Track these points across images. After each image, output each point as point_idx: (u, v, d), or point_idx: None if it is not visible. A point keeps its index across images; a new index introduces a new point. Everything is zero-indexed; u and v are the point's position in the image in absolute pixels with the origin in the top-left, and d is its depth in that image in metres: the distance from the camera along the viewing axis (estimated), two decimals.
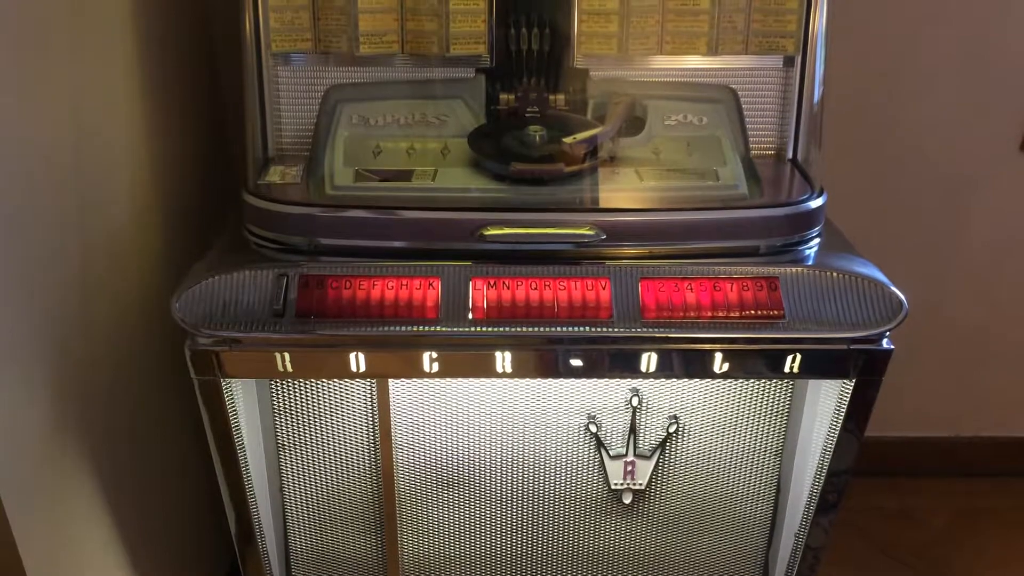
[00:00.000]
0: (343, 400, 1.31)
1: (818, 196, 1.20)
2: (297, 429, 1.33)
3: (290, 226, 1.16)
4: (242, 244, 1.19)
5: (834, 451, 1.24)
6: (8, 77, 0.98)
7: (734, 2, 1.26)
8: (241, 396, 1.21)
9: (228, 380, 1.15)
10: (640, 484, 1.37)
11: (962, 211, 1.91)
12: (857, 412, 1.20)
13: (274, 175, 1.24)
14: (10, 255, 1.00)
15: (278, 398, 1.30)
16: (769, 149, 1.33)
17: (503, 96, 1.31)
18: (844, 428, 1.22)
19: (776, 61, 1.30)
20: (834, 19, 1.26)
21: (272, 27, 1.24)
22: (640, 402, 1.31)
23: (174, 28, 1.48)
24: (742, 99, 1.31)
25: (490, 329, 1.11)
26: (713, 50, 1.28)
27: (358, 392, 1.30)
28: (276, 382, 1.29)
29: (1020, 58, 1.76)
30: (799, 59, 1.27)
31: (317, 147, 1.27)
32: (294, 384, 1.29)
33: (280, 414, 1.32)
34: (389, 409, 1.29)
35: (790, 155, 1.31)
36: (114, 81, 1.26)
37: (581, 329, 1.11)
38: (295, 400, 1.31)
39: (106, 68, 1.23)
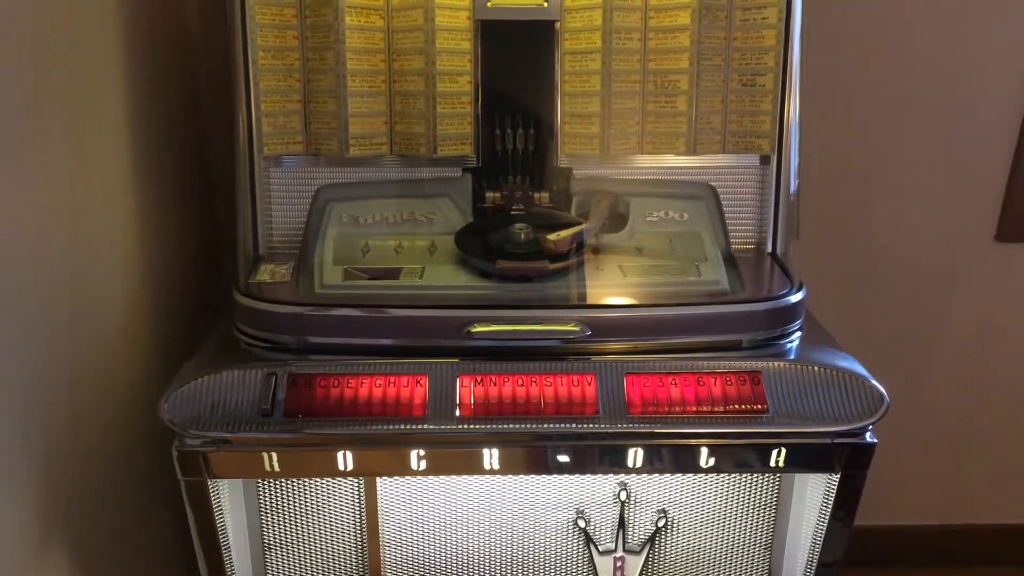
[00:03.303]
0: (330, 498, 1.30)
1: (798, 290, 1.22)
2: (284, 528, 1.32)
3: (279, 325, 1.17)
4: (232, 343, 1.20)
5: (824, 542, 1.24)
6: (6, 182, 1.01)
7: (711, 104, 1.32)
8: (227, 496, 1.20)
9: (215, 480, 1.14)
10: None
11: (941, 301, 1.95)
12: (845, 504, 1.20)
13: (264, 273, 1.26)
14: (1, 357, 1.01)
15: (265, 497, 1.29)
16: (749, 243, 1.36)
17: (489, 194, 1.35)
18: (833, 518, 1.22)
19: (753, 159, 1.34)
20: (808, 118, 1.31)
21: (264, 131, 1.28)
22: (628, 496, 1.31)
23: (169, 131, 1.52)
24: (721, 195, 1.35)
25: (477, 426, 1.11)
26: (692, 149, 1.33)
27: (345, 490, 1.30)
28: (263, 481, 1.28)
29: (992, 148, 1.82)
30: (775, 157, 1.32)
31: (307, 245, 1.30)
32: (281, 483, 1.28)
33: (266, 513, 1.31)
34: (377, 507, 1.29)
35: (769, 249, 1.35)
36: (109, 183, 1.28)
37: (568, 425, 1.11)
38: (282, 499, 1.30)
39: (102, 168, 1.26)
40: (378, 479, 1.27)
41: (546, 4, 1.29)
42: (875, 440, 1.13)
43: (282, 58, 1.27)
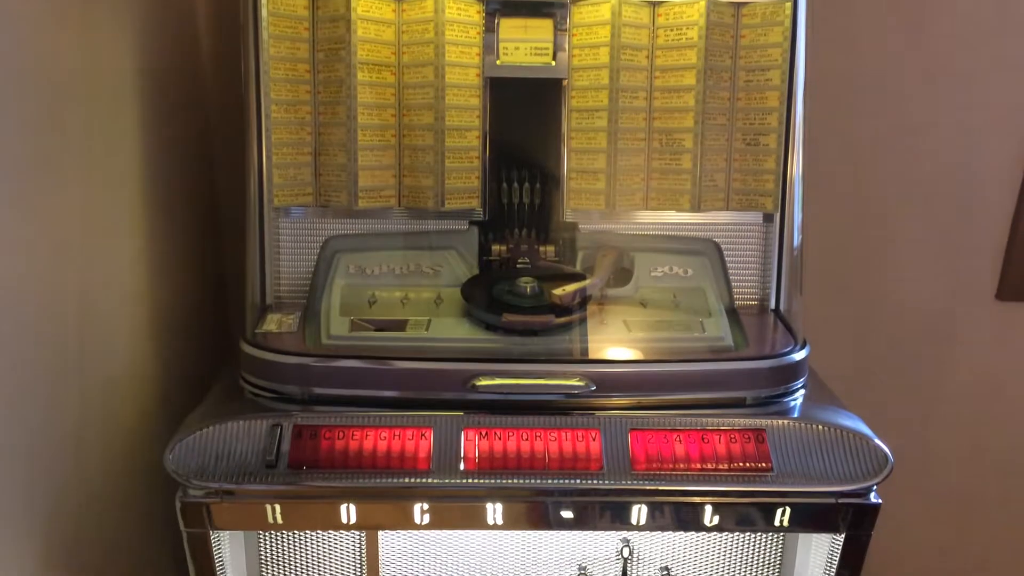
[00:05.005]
0: (331, 551, 1.29)
1: (801, 348, 1.23)
2: None
3: (285, 376, 1.17)
4: (237, 392, 1.20)
5: None
6: (19, 226, 1.02)
7: (715, 162, 1.34)
8: (228, 547, 1.19)
9: (217, 532, 1.14)
10: None
11: (942, 360, 1.95)
12: (849, 563, 1.19)
13: (271, 323, 1.26)
14: (7, 404, 1.01)
15: (266, 549, 1.29)
16: (752, 300, 1.37)
17: (495, 247, 1.36)
18: None
19: (756, 216, 1.36)
20: (811, 176, 1.33)
21: (275, 183, 1.29)
22: (631, 552, 1.30)
23: (180, 179, 1.54)
24: (725, 252, 1.37)
25: (481, 481, 1.11)
26: (696, 206, 1.35)
27: (347, 543, 1.29)
28: (264, 533, 1.27)
29: (992, 207, 1.84)
30: (778, 215, 1.33)
31: (314, 296, 1.31)
32: (282, 535, 1.28)
33: (267, 564, 1.30)
34: (378, 560, 1.28)
35: (773, 306, 1.35)
36: (120, 229, 1.30)
37: (572, 481, 1.11)
38: (283, 551, 1.29)
39: (112, 214, 1.27)
40: (380, 532, 1.26)
41: (554, 63, 1.32)
42: (879, 500, 1.13)
43: (294, 111, 1.30)
